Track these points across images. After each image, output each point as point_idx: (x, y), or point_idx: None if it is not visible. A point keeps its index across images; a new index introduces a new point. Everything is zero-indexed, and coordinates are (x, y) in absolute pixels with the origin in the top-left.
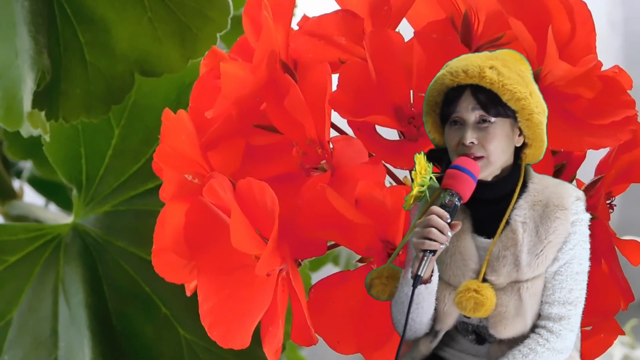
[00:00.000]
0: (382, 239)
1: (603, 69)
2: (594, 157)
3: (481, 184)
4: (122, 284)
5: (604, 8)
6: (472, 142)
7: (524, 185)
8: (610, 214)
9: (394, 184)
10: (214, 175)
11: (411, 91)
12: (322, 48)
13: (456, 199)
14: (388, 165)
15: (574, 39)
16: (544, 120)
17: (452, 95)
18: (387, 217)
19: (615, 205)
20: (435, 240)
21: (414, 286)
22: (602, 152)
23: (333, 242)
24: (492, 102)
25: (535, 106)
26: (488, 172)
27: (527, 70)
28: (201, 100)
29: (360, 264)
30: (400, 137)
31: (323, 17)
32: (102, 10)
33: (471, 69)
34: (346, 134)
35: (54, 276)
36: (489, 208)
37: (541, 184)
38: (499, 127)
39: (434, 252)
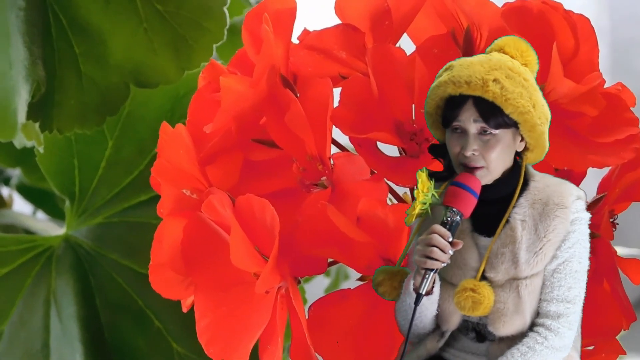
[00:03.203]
0: (383, 257)
1: None
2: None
3: (482, 186)
4: (114, 297)
5: (590, 15)
6: (472, 154)
7: (525, 184)
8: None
9: (395, 201)
10: (212, 191)
11: (413, 107)
12: (323, 62)
13: (457, 217)
14: (390, 182)
15: (577, 56)
16: (546, 129)
17: (455, 101)
18: (389, 235)
19: (617, 224)
20: (437, 260)
21: (416, 304)
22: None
23: (332, 260)
24: (494, 115)
25: (538, 117)
26: (487, 180)
27: (529, 74)
28: (199, 114)
29: (360, 282)
30: (401, 154)
31: (324, 31)
32: (98, 21)
33: (474, 82)
34: (345, 149)
35: (45, 288)
36: (489, 207)
37: (542, 182)
38: (501, 139)
39: (436, 270)
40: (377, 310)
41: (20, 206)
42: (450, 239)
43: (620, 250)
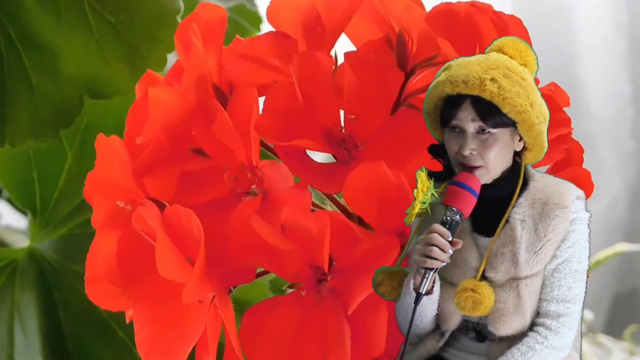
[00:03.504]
0: (311, 265)
1: (609, 71)
2: None
3: (481, 185)
4: (78, 309)
5: (608, 10)
6: (470, 153)
7: (525, 184)
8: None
9: (334, 208)
10: (142, 202)
11: (342, 113)
12: (257, 70)
13: (457, 216)
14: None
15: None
16: (545, 129)
17: (453, 100)
18: (313, 243)
19: None
20: (436, 259)
21: (416, 303)
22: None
23: (263, 269)
24: (492, 114)
25: (536, 117)
26: (486, 179)
27: (528, 73)
28: (135, 125)
29: (290, 290)
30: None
31: (255, 39)
32: (49, 35)
33: (471, 81)
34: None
35: (9, 302)
36: (489, 207)
37: (542, 182)
38: (499, 138)
39: (435, 269)
40: (308, 318)
41: (13, 219)
42: (450, 238)
43: (625, 247)
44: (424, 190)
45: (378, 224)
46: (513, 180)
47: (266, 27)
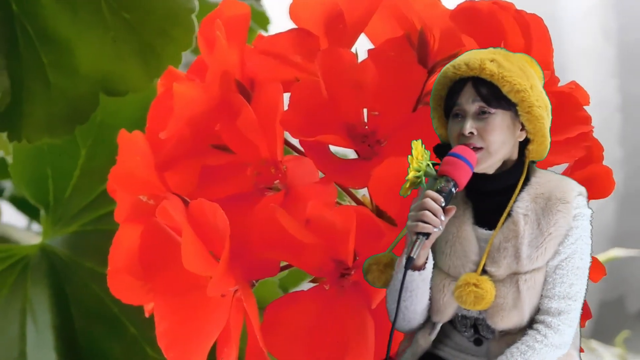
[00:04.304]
0: (334, 259)
1: (597, 78)
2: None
3: (483, 176)
4: (89, 305)
5: (598, 17)
6: (471, 133)
7: (527, 179)
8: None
9: (352, 203)
10: (167, 196)
11: (365, 110)
12: (278, 67)
13: (451, 185)
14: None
15: (530, 55)
16: (546, 115)
17: (455, 88)
18: (337, 237)
19: None
20: (428, 223)
21: (406, 267)
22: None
23: (286, 263)
24: (492, 94)
25: (536, 99)
26: (488, 164)
27: (530, 67)
28: (157, 121)
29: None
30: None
31: (278, 36)
32: (65, 32)
33: (472, 62)
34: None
35: (21, 297)
36: (490, 200)
37: (544, 177)
38: (499, 119)
39: (427, 235)
40: (329, 312)
41: (13, 218)
42: (443, 204)
43: (620, 252)
44: (419, 159)
45: (402, 219)
46: (516, 173)
47: (274, 28)
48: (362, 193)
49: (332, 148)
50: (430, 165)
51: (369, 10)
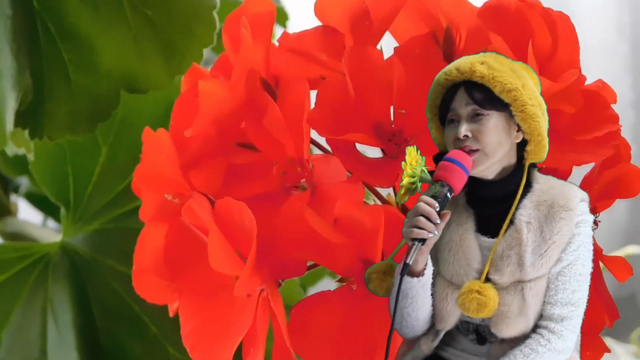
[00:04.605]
0: (362, 259)
1: (610, 74)
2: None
3: (484, 183)
4: (110, 303)
5: (610, 13)
6: (466, 135)
7: (529, 185)
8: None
9: (378, 202)
10: (192, 195)
11: (392, 108)
12: (304, 65)
13: (446, 190)
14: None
15: (557, 54)
16: (541, 114)
17: (449, 95)
18: (366, 236)
19: (599, 222)
20: (423, 229)
21: (402, 274)
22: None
23: (313, 262)
24: (484, 96)
25: (529, 98)
26: (485, 165)
27: (524, 71)
28: (182, 119)
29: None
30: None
31: (303, 34)
32: (87, 29)
33: (462, 66)
34: (328, 151)
35: (42, 296)
36: (492, 207)
37: (546, 184)
38: (493, 120)
39: (423, 241)
40: (357, 312)
41: (29, 214)
42: (438, 209)
43: (635, 250)
44: (413, 164)
45: None
46: (516, 179)
47: (292, 25)
48: (387, 192)
49: None
50: (425, 170)
51: (395, 7)
